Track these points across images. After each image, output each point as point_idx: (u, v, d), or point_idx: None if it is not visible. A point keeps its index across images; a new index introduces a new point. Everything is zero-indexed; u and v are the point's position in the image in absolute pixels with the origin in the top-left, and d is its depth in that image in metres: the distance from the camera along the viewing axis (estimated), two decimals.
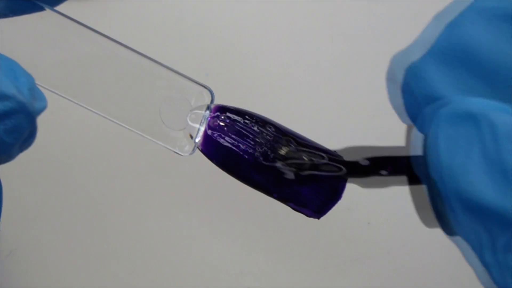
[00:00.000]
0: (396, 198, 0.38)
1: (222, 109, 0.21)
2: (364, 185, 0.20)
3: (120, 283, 0.35)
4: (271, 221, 0.36)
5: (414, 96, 0.17)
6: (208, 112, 0.21)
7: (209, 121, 0.20)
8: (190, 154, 0.21)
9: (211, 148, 0.20)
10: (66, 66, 0.20)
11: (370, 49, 0.40)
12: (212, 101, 0.21)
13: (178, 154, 0.21)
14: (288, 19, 0.41)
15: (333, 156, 0.20)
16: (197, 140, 0.21)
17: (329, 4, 0.41)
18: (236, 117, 0.20)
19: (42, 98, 0.18)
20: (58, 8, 0.20)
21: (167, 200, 0.37)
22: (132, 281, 0.35)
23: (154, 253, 0.36)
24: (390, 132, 0.39)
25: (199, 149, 0.21)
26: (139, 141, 0.21)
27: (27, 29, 0.19)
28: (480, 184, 0.13)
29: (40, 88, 0.18)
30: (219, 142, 0.20)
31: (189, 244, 0.36)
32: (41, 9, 0.19)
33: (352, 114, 0.39)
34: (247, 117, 0.20)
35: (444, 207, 0.15)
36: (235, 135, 0.20)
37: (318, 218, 0.21)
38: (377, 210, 0.37)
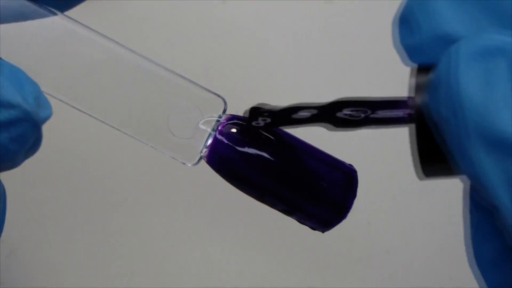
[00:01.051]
0: (396, 198, 0.38)
1: (235, 119, 0.20)
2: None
3: (120, 283, 0.35)
4: (271, 220, 0.36)
5: (422, 32, 0.16)
6: (219, 121, 0.20)
7: (219, 131, 0.20)
8: (194, 164, 0.20)
9: (217, 159, 0.19)
10: (72, 73, 0.20)
11: (370, 49, 0.40)
12: (224, 110, 0.20)
13: (183, 163, 0.20)
14: (288, 19, 0.41)
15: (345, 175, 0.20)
16: (203, 151, 0.20)
17: (329, 4, 0.41)
18: (248, 128, 0.19)
19: (47, 106, 0.18)
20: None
21: (167, 200, 0.37)
22: (132, 281, 0.35)
23: (154, 253, 0.36)
24: (390, 132, 0.39)
25: (204, 160, 0.20)
26: (140, 143, 0.21)
27: (34, 35, 0.19)
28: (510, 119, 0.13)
29: (46, 95, 0.18)
30: (226, 153, 0.19)
31: (189, 244, 0.36)
32: (50, 14, 0.19)
33: None
34: (260, 128, 0.19)
35: (454, 145, 0.14)
36: (245, 146, 0.19)
37: (323, 232, 0.20)
38: (377, 210, 0.37)
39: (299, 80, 0.39)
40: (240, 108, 0.20)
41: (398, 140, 0.40)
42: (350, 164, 0.20)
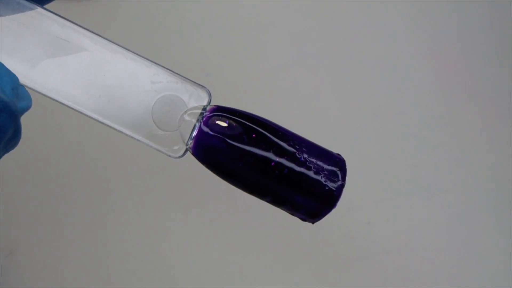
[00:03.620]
0: (396, 198, 0.38)
1: (219, 110, 0.19)
2: None
3: (120, 283, 0.35)
4: (270, 220, 0.36)
5: None
6: (203, 113, 0.19)
7: (203, 122, 0.19)
8: (181, 156, 0.20)
9: (203, 150, 0.19)
10: (54, 66, 0.19)
11: (370, 49, 0.40)
12: (209, 101, 0.20)
13: (169, 156, 0.20)
14: (288, 19, 0.41)
15: (333, 166, 0.20)
16: (189, 143, 0.19)
17: (329, 4, 0.41)
18: (233, 119, 0.19)
19: (26, 97, 0.18)
20: (50, 6, 0.20)
21: (166, 200, 0.37)
22: (132, 281, 0.35)
23: (154, 253, 0.36)
24: (390, 132, 0.39)
25: (190, 152, 0.20)
26: (136, 141, 0.20)
27: (16, 29, 0.19)
28: None
29: (29, 90, 0.18)
30: (211, 144, 0.19)
31: (189, 244, 0.36)
32: (32, 8, 0.19)
33: (352, 114, 0.39)
34: (245, 119, 0.19)
35: None
36: (231, 136, 0.19)
37: (313, 223, 0.20)
38: (377, 210, 0.37)
39: (299, 79, 0.39)
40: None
41: (398, 140, 0.40)
42: (338, 154, 0.20)
